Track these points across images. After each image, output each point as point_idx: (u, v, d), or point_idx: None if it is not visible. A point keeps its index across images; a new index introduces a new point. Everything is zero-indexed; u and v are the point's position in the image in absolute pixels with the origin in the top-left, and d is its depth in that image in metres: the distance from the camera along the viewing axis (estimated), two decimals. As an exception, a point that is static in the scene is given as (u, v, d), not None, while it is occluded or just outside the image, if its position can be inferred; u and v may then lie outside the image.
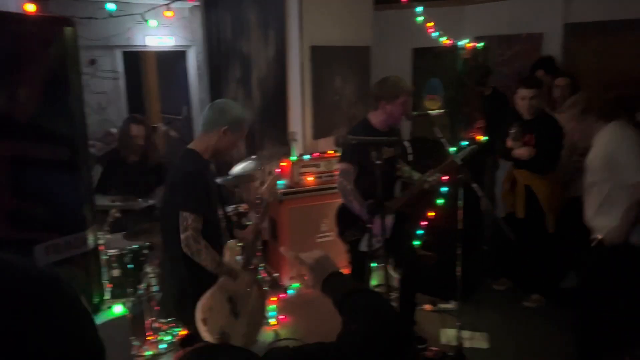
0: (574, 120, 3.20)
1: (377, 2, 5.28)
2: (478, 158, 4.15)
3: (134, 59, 7.42)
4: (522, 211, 4.09)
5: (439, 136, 3.17)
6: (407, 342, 1.16)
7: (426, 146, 4.02)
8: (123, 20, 5.88)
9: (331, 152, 4.67)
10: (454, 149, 3.29)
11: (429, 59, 4.33)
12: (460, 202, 3.19)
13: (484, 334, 3.73)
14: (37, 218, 2.36)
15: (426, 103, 4.30)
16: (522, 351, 3.61)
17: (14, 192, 2.27)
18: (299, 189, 4.58)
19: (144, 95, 8.01)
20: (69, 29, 2.33)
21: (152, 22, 5.47)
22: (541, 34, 5.21)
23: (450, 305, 4.12)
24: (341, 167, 3.37)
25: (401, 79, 3.37)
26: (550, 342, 3.68)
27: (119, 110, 6.56)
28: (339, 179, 3.37)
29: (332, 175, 4.61)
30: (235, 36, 5.21)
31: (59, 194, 2.44)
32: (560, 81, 4.17)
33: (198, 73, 6.96)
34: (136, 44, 6.44)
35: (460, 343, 3.34)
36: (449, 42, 4.57)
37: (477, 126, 4.33)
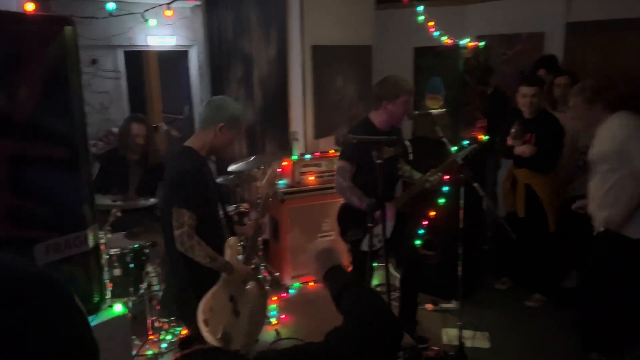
0: (579, 107, 3.17)
1: (378, 1, 5.28)
2: (479, 157, 4.15)
3: (136, 58, 7.43)
4: (522, 210, 4.08)
5: (440, 135, 3.17)
6: (397, 337, 1.17)
7: (427, 145, 4.00)
8: (125, 19, 5.88)
9: (332, 151, 4.67)
10: (455, 148, 3.29)
11: (430, 58, 4.31)
12: (462, 201, 3.18)
13: (485, 333, 3.72)
14: (37, 217, 2.36)
15: (427, 102, 4.28)
16: (523, 350, 3.61)
17: (14, 192, 2.27)
18: (300, 188, 4.57)
19: (145, 95, 8.03)
20: (68, 28, 2.33)
21: (152, 22, 5.47)
22: (542, 33, 5.20)
23: (452, 304, 4.13)
24: (338, 165, 3.37)
25: (402, 78, 3.36)
26: (552, 342, 3.68)
27: (121, 109, 6.57)
28: (336, 177, 3.38)
29: (334, 175, 4.58)
30: (237, 36, 5.22)
31: (59, 193, 2.44)
32: (561, 80, 4.15)
33: (199, 72, 6.97)
34: (138, 43, 6.45)
35: (461, 342, 3.34)
36: (449, 41, 4.56)
37: (479, 125, 4.32)
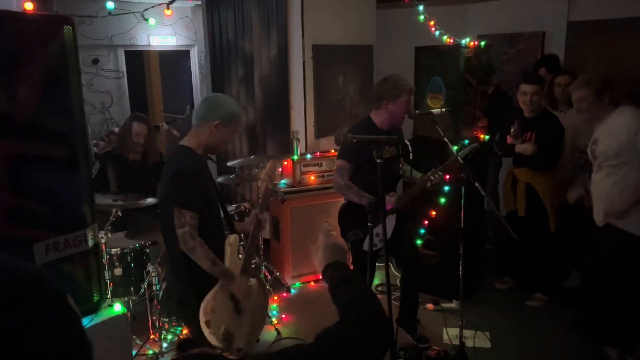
0: (587, 100, 3.14)
1: (379, 0, 5.27)
2: (480, 157, 4.14)
3: (137, 58, 7.44)
4: (523, 210, 4.07)
5: (441, 135, 3.16)
6: (388, 337, 1.18)
7: (428, 145, 4.00)
8: (126, 19, 5.90)
9: (333, 151, 4.66)
10: (456, 147, 3.28)
11: (432, 57, 4.31)
12: (463, 201, 3.17)
13: (486, 333, 3.72)
14: (36, 217, 2.36)
15: (428, 101, 4.28)
16: (524, 350, 3.60)
17: (14, 191, 2.27)
18: (301, 188, 4.57)
19: (146, 95, 8.04)
20: (68, 28, 2.33)
21: (152, 21, 5.48)
22: (544, 33, 5.20)
23: (453, 304, 4.12)
24: (337, 164, 3.37)
25: (402, 78, 3.35)
26: (553, 341, 3.67)
27: (122, 109, 6.59)
28: (334, 176, 3.38)
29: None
30: (237, 35, 5.22)
31: (59, 192, 2.44)
32: (561, 79, 4.14)
33: (200, 72, 6.98)
34: (139, 43, 6.47)
35: (462, 342, 3.34)
36: (450, 40, 4.57)
37: (480, 125, 4.32)
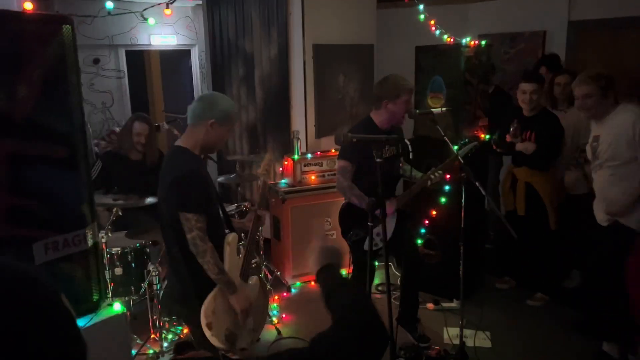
0: (593, 95, 3.13)
1: (380, 0, 5.27)
2: (481, 156, 4.13)
3: (138, 58, 7.45)
4: (523, 209, 4.07)
5: (442, 134, 3.16)
6: (384, 341, 1.15)
7: (428, 144, 4.00)
8: (127, 19, 5.90)
9: (334, 150, 4.66)
10: (456, 147, 3.28)
11: (432, 57, 4.30)
12: (463, 200, 3.17)
13: (486, 332, 3.71)
14: (36, 216, 2.36)
15: (429, 101, 4.27)
16: (524, 350, 3.60)
17: (13, 190, 2.27)
18: (301, 187, 4.57)
19: (147, 94, 8.04)
20: (67, 28, 2.33)
21: (151, 20, 5.48)
22: (544, 32, 5.20)
23: (453, 303, 4.12)
24: (339, 164, 3.37)
25: (402, 77, 3.35)
26: (554, 341, 3.67)
27: (123, 108, 6.60)
28: (336, 177, 3.38)
29: (335, 174, 4.60)
30: (238, 35, 5.22)
31: (58, 192, 2.44)
32: (561, 79, 4.13)
33: (201, 72, 6.99)
34: (140, 43, 6.47)
35: (462, 342, 3.34)
36: (451, 40, 4.56)
37: (480, 124, 4.31)
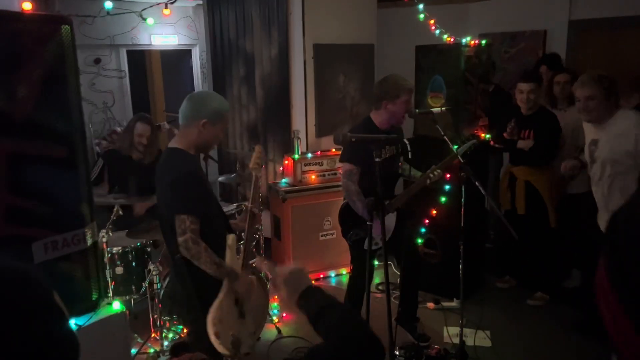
0: (596, 97, 3.12)
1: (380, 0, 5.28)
2: (481, 156, 4.14)
3: (139, 57, 7.46)
4: (522, 208, 4.07)
5: (441, 134, 3.16)
6: (379, 354, 1.13)
7: (428, 144, 4.01)
8: (128, 19, 5.91)
9: (334, 150, 4.67)
10: (456, 146, 3.28)
11: (432, 56, 4.30)
12: (463, 199, 3.18)
13: (487, 332, 3.72)
14: (35, 215, 2.37)
15: (429, 100, 4.28)
16: (524, 349, 3.60)
17: (12, 190, 2.28)
18: (301, 187, 4.57)
19: (148, 94, 8.05)
20: (66, 28, 2.33)
21: (150, 20, 5.49)
22: (545, 31, 5.20)
23: (453, 303, 4.12)
24: (344, 167, 3.33)
25: (402, 77, 3.35)
26: (554, 341, 3.67)
27: (124, 108, 6.61)
28: (343, 180, 3.34)
29: (336, 174, 4.61)
30: (239, 34, 5.23)
31: (57, 191, 2.45)
32: (561, 78, 4.13)
33: (202, 71, 7.00)
34: (141, 43, 6.48)
35: (462, 341, 3.34)
36: (451, 39, 4.56)
37: (480, 124, 4.32)
